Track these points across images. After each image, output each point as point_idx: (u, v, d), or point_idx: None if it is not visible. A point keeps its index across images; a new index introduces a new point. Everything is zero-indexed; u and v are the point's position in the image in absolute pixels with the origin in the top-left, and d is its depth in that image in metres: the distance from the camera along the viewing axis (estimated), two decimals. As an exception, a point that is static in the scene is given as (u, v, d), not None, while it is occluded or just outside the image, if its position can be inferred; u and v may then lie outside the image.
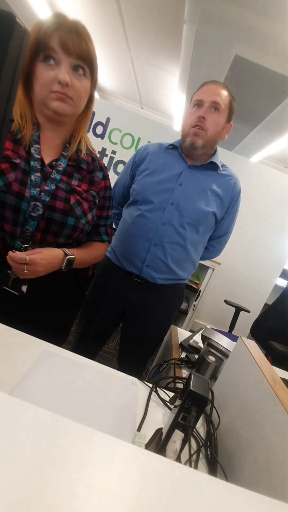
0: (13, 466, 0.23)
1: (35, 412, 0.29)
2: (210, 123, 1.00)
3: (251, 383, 0.59)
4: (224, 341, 0.92)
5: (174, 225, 1.04)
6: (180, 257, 1.09)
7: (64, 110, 0.67)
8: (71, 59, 0.64)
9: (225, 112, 1.01)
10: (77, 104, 0.68)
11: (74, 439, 0.27)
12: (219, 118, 1.01)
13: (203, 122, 0.99)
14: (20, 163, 0.67)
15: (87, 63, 0.66)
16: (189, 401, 0.49)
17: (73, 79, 0.65)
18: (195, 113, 1.01)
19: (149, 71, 3.09)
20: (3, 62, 0.31)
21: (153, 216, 1.05)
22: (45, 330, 0.78)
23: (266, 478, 0.45)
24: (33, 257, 0.65)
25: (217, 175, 1.09)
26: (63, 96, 0.65)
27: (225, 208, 1.11)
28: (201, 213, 1.05)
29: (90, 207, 0.79)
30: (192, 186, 1.05)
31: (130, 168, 1.17)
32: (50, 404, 0.56)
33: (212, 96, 0.98)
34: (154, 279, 1.09)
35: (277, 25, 1.74)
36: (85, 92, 0.69)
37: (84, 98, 0.70)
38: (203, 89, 1.02)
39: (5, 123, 0.35)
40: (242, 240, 2.84)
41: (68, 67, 0.64)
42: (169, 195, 1.05)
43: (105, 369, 0.73)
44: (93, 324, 1.19)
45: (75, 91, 0.66)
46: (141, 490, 0.25)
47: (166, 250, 1.06)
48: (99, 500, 0.23)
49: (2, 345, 0.65)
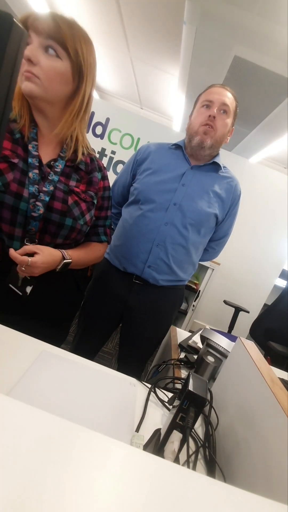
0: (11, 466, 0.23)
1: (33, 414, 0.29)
2: (220, 123, 1.01)
3: (250, 383, 0.59)
4: (223, 342, 0.92)
5: (176, 225, 1.04)
6: (182, 258, 1.09)
7: (30, 89, 0.63)
8: (41, 39, 0.62)
9: (232, 115, 1.03)
10: (45, 84, 0.64)
11: (72, 440, 0.27)
12: (227, 120, 1.02)
13: (213, 121, 1.00)
14: (18, 163, 0.67)
15: (60, 43, 0.63)
16: (187, 401, 0.49)
17: (41, 57, 0.62)
18: (205, 112, 1.01)
19: (148, 72, 3.09)
20: (1, 62, 0.31)
21: (155, 216, 1.04)
22: (44, 329, 0.78)
23: (265, 479, 0.45)
24: (35, 260, 0.65)
25: (218, 177, 1.09)
26: (28, 74, 0.62)
27: (226, 210, 1.11)
28: (203, 214, 1.05)
29: (88, 207, 0.79)
30: (195, 187, 1.05)
31: (131, 167, 1.16)
32: (49, 404, 0.56)
33: (222, 98, 0.99)
34: (156, 281, 1.08)
35: (276, 26, 1.74)
36: (55, 72, 0.64)
37: (54, 80, 0.65)
38: (211, 90, 1.02)
39: (4, 122, 0.35)
40: (242, 241, 2.84)
41: (37, 46, 0.62)
42: (171, 195, 1.04)
43: (103, 369, 0.73)
44: (92, 326, 1.19)
45: (42, 70, 0.63)
46: (139, 491, 0.24)
47: (169, 251, 1.05)
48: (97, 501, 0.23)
49: (0, 346, 0.65)
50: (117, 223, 1.20)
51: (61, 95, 0.68)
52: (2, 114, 0.34)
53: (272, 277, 2.94)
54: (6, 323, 0.69)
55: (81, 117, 0.73)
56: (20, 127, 0.69)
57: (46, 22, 0.61)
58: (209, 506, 0.25)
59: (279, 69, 2.07)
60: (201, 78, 2.52)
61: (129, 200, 1.15)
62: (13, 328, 0.70)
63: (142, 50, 2.73)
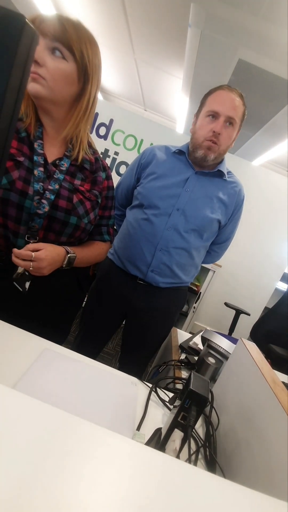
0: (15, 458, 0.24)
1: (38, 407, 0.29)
2: (225, 138, 0.99)
3: (251, 384, 0.59)
4: (224, 343, 0.93)
5: (179, 230, 1.04)
6: (184, 262, 1.09)
7: (36, 90, 0.64)
8: (47, 41, 0.63)
9: (238, 125, 1.01)
10: (51, 85, 0.65)
11: (76, 433, 0.27)
12: (232, 132, 1.00)
13: (218, 138, 0.98)
14: (24, 161, 0.68)
15: (65, 45, 0.64)
16: (189, 400, 0.49)
17: (47, 59, 0.63)
18: (209, 125, 0.98)
19: (153, 74, 3.10)
20: (12, 63, 0.32)
21: (158, 220, 1.04)
22: (45, 328, 0.78)
23: (265, 479, 0.45)
24: (38, 254, 0.66)
25: (223, 182, 1.09)
26: (34, 75, 0.63)
27: (229, 215, 1.11)
28: (206, 220, 1.05)
29: (92, 206, 0.79)
30: (198, 193, 1.05)
31: (135, 170, 1.16)
32: (50, 401, 0.56)
33: (229, 110, 0.95)
34: (158, 283, 1.09)
35: (281, 30, 1.75)
36: (60, 74, 0.65)
37: (60, 81, 0.66)
38: (218, 97, 0.98)
39: (13, 122, 0.35)
40: (243, 243, 2.84)
41: (43, 48, 0.63)
42: (175, 200, 1.04)
43: (105, 368, 0.73)
44: (95, 326, 1.19)
45: (48, 72, 0.63)
46: (144, 486, 0.25)
47: (172, 255, 1.06)
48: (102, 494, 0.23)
49: (3, 343, 0.65)
50: (121, 224, 1.21)
51: (67, 96, 0.69)
52: (12, 114, 0.35)
53: (273, 280, 2.93)
54: (10, 320, 0.70)
55: (86, 118, 0.74)
56: (26, 126, 0.70)
57: (53, 24, 0.62)
58: (212, 501, 0.25)
59: (282, 72, 2.08)
60: (205, 80, 2.53)
61: (133, 203, 1.15)
62: (15, 325, 0.70)
63: (147, 52, 2.74)
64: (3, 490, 0.21)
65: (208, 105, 0.99)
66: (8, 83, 0.32)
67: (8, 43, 0.31)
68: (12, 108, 0.34)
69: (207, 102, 1.01)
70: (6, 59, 0.31)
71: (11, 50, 0.31)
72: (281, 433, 0.45)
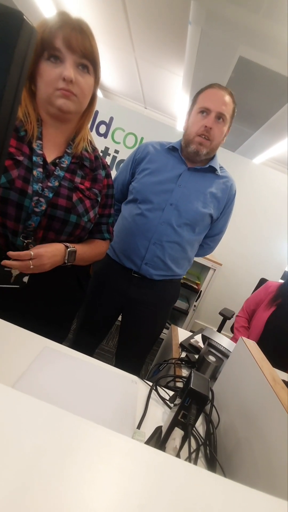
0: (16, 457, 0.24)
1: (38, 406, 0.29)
2: (216, 133, 1.03)
3: (251, 382, 0.59)
4: (225, 342, 0.93)
5: (172, 225, 1.07)
6: (177, 255, 1.13)
7: (68, 107, 0.68)
8: (75, 57, 0.65)
9: (228, 121, 1.04)
10: (81, 101, 0.69)
11: (76, 432, 0.27)
12: (223, 128, 1.04)
13: (209, 132, 1.02)
14: (23, 160, 0.68)
15: (91, 61, 0.67)
16: (189, 399, 0.49)
17: (77, 76, 0.66)
18: (201, 121, 1.02)
19: (153, 71, 3.09)
20: (11, 60, 0.31)
21: (152, 215, 1.08)
22: (45, 326, 0.78)
23: (265, 478, 0.45)
24: (37, 251, 0.67)
25: (214, 177, 1.13)
26: (67, 93, 0.66)
27: (221, 209, 1.15)
28: (198, 214, 1.08)
29: (92, 205, 0.79)
30: (191, 188, 1.08)
31: (130, 166, 1.19)
32: (50, 400, 0.56)
33: (219, 106, 0.99)
34: (151, 276, 1.12)
35: (282, 27, 1.73)
36: (89, 89, 0.70)
37: (88, 95, 0.71)
38: (209, 94, 1.01)
39: (12, 119, 0.35)
40: (244, 242, 2.84)
41: (73, 65, 0.65)
42: (168, 195, 1.07)
43: (105, 366, 0.73)
44: (92, 318, 1.22)
45: (79, 88, 0.67)
46: (144, 484, 0.25)
47: (165, 249, 1.09)
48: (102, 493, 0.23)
49: (3, 341, 0.65)
50: (117, 219, 1.23)
51: (86, 105, 0.74)
52: (11, 111, 0.34)
53: (274, 278, 2.93)
54: (9, 319, 0.70)
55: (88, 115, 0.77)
56: (25, 125, 0.70)
57: (81, 42, 0.64)
58: (212, 500, 0.25)
59: (283, 70, 2.07)
60: (206, 78, 2.52)
61: (128, 198, 1.18)
62: (15, 323, 0.70)
63: (147, 49, 2.73)
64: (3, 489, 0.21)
65: (200, 102, 1.03)
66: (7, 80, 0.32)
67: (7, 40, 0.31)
68: (10, 105, 0.34)
69: (198, 99, 1.05)
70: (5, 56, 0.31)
71: (9, 47, 0.31)
72: (281, 432, 0.45)
